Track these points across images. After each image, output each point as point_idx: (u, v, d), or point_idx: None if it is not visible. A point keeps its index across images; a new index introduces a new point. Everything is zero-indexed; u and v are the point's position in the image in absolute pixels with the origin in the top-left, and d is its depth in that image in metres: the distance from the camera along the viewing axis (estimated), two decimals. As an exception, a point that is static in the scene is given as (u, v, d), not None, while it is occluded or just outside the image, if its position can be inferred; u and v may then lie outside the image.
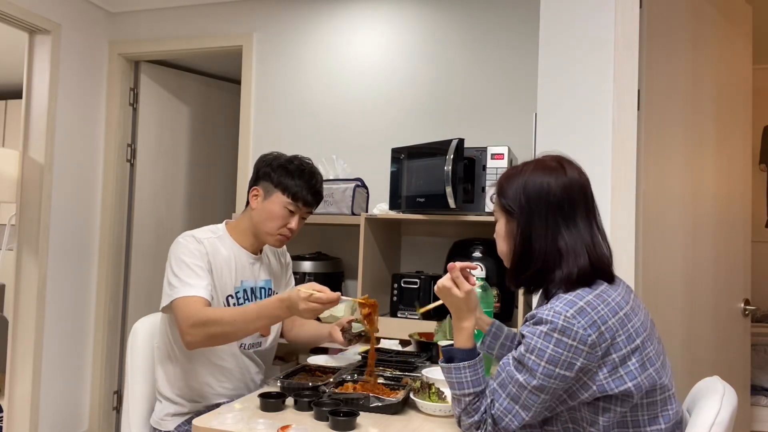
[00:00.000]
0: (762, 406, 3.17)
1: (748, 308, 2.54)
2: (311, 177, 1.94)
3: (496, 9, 2.98)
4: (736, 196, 2.53)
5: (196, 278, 1.79)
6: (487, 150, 2.44)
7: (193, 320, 1.71)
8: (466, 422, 1.32)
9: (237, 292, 1.92)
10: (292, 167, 1.92)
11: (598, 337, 1.22)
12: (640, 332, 1.27)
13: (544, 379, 1.22)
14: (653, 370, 1.26)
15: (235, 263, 1.93)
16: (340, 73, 3.24)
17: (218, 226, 2.00)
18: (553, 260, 1.30)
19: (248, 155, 3.38)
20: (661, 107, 2.14)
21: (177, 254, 1.84)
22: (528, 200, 1.32)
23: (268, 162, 1.95)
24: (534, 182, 1.33)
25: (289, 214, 1.92)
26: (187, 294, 1.75)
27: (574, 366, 1.21)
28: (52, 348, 3.37)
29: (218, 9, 3.49)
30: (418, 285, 2.53)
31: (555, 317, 1.23)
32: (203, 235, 1.90)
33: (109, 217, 3.66)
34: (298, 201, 1.91)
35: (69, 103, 3.44)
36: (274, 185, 1.91)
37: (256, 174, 1.97)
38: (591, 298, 1.25)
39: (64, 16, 3.39)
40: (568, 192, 1.32)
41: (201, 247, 1.85)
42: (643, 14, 2.05)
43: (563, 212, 1.31)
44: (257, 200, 1.93)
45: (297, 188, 1.90)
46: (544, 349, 1.22)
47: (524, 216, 1.32)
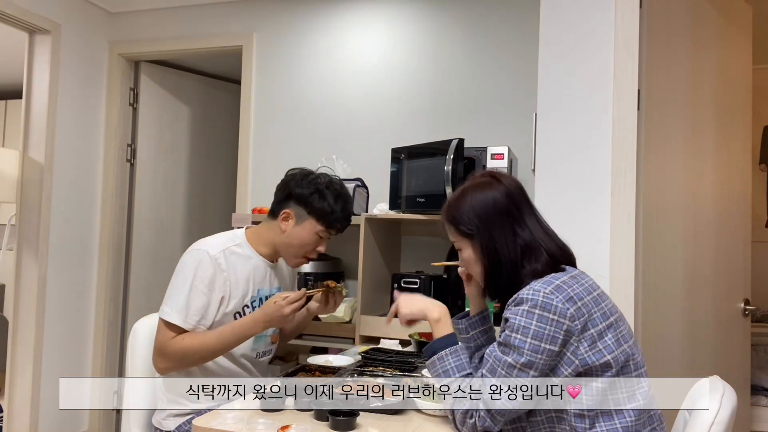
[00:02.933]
0: (762, 406, 3.16)
1: (748, 308, 2.54)
2: (346, 203, 1.91)
3: (496, 9, 2.97)
4: (736, 196, 2.53)
5: (191, 302, 1.78)
6: (487, 150, 2.44)
7: (165, 351, 1.76)
8: (459, 413, 1.34)
9: (253, 302, 1.92)
10: (328, 193, 1.87)
11: (576, 311, 1.29)
12: (613, 312, 1.38)
13: (532, 355, 1.28)
14: (627, 346, 1.34)
15: (252, 272, 1.91)
16: (340, 73, 3.24)
17: (237, 234, 1.96)
18: (520, 261, 1.39)
19: (248, 155, 3.38)
20: (661, 107, 2.14)
21: (185, 269, 1.82)
22: (480, 218, 1.41)
23: (302, 184, 1.89)
24: (479, 200, 1.43)
25: (319, 239, 1.91)
26: (170, 320, 1.77)
27: (558, 339, 1.28)
28: (52, 348, 3.37)
29: (218, 9, 3.49)
30: (418, 285, 2.53)
31: (534, 294, 1.30)
32: (219, 248, 1.85)
33: (109, 217, 3.66)
34: (332, 228, 1.90)
35: (69, 103, 3.44)
36: (308, 212, 1.87)
37: (288, 193, 1.90)
38: (566, 278, 1.35)
39: (64, 16, 3.39)
40: (511, 198, 1.43)
41: (212, 267, 1.81)
42: (643, 14, 2.05)
43: (513, 216, 1.42)
44: (288, 223, 1.89)
45: (333, 217, 1.88)
46: (528, 326, 1.29)
47: (484, 233, 1.41)
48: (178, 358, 1.78)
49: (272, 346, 2.06)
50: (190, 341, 1.78)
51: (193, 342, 1.78)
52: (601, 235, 1.98)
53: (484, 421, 1.30)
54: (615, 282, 1.95)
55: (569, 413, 1.30)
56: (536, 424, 1.35)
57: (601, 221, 1.99)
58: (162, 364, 1.79)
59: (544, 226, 1.45)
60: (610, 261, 1.97)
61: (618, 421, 1.30)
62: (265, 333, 1.97)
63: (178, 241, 4.03)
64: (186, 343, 1.77)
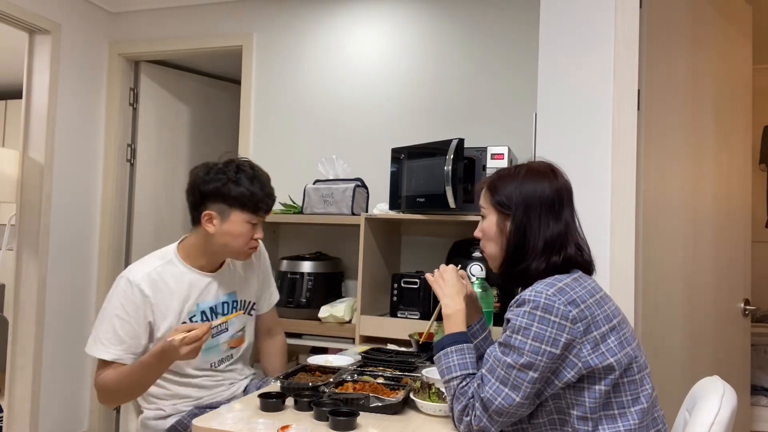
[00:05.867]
0: (762, 406, 3.17)
1: (748, 308, 2.54)
2: (263, 182, 1.83)
3: (496, 9, 2.97)
4: (736, 196, 2.53)
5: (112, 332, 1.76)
6: (487, 150, 2.44)
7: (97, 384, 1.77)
8: (456, 410, 1.35)
9: (192, 317, 1.85)
10: (241, 178, 1.79)
11: (578, 313, 1.29)
12: (616, 314, 1.37)
13: (531, 356, 1.27)
14: (630, 349, 1.34)
15: (187, 289, 1.85)
16: (340, 73, 3.24)
17: (169, 250, 1.90)
18: (541, 251, 1.39)
19: (248, 155, 3.38)
20: (661, 107, 2.14)
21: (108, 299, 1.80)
22: (524, 198, 1.41)
23: (209, 179, 1.81)
24: (529, 183, 1.43)
25: (253, 227, 1.83)
26: (93, 353, 1.77)
27: (559, 342, 1.27)
28: (52, 348, 3.37)
29: (218, 9, 3.49)
30: (418, 285, 2.53)
31: (536, 296, 1.30)
32: (142, 272, 1.81)
33: (109, 217, 3.66)
34: (259, 212, 1.82)
35: (69, 103, 3.44)
36: (228, 205, 1.78)
37: (199, 194, 1.82)
38: (569, 281, 1.35)
39: (64, 16, 3.39)
40: (559, 194, 1.43)
41: (133, 293, 1.77)
42: (643, 14, 2.05)
43: (553, 211, 1.41)
44: (214, 224, 1.80)
45: (255, 200, 1.79)
46: (529, 327, 1.28)
47: (519, 212, 1.41)
48: (104, 393, 1.77)
49: (232, 350, 1.98)
50: (110, 377, 1.74)
51: (111, 378, 1.74)
52: (601, 235, 1.98)
53: (480, 420, 1.30)
54: (615, 282, 1.95)
55: (572, 416, 1.30)
56: (538, 427, 1.34)
57: (601, 221, 1.99)
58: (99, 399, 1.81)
59: (578, 230, 1.46)
60: (610, 261, 1.97)
61: (621, 424, 1.29)
62: (216, 342, 1.91)
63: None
64: (106, 379, 1.74)
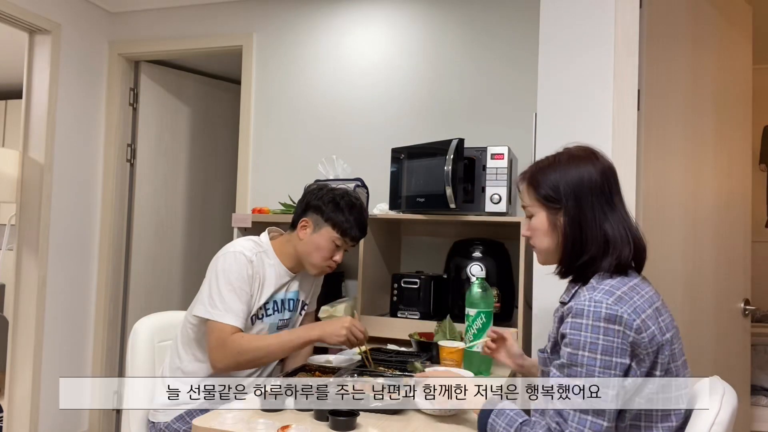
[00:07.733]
0: (762, 406, 3.16)
1: (748, 308, 2.54)
2: (360, 213, 2.02)
3: (496, 9, 2.97)
4: (736, 196, 2.53)
5: (239, 304, 1.86)
6: (487, 150, 2.44)
7: (228, 350, 1.82)
8: None
9: (266, 304, 1.99)
10: (342, 203, 1.99)
11: (641, 323, 1.20)
12: (669, 327, 1.27)
13: (604, 372, 1.17)
14: (673, 366, 1.26)
15: (275, 280, 2.00)
16: (340, 73, 3.24)
17: (262, 240, 2.05)
18: (604, 245, 1.30)
19: (248, 155, 3.38)
20: (661, 107, 2.14)
21: (228, 272, 1.89)
22: (572, 189, 1.32)
23: (319, 195, 2.01)
24: (573, 172, 1.33)
25: (336, 248, 1.99)
26: (225, 321, 1.83)
27: (627, 351, 1.18)
28: (52, 348, 3.37)
29: (218, 9, 3.49)
30: (418, 285, 2.53)
31: (597, 306, 1.20)
32: (251, 251, 1.95)
33: (109, 217, 3.66)
34: (346, 236, 1.98)
35: (69, 103, 3.44)
36: (324, 219, 1.97)
37: (306, 205, 2.03)
38: (626, 290, 1.25)
39: (64, 16, 3.39)
40: (606, 177, 1.33)
41: (251, 267, 1.91)
42: (643, 14, 2.05)
43: (605, 196, 1.32)
44: (306, 231, 1.99)
45: (347, 224, 1.97)
46: (596, 341, 1.18)
47: (571, 204, 1.32)
48: (236, 353, 1.83)
49: None
50: (249, 339, 1.86)
51: (251, 341, 1.86)
52: (601, 235, 1.98)
53: None
54: (615, 282, 1.95)
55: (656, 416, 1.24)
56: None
57: (601, 221, 1.99)
58: (223, 358, 1.84)
59: (629, 215, 1.35)
60: (610, 261, 1.96)
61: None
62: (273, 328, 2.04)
63: (178, 241, 4.04)
64: (245, 341, 1.84)
